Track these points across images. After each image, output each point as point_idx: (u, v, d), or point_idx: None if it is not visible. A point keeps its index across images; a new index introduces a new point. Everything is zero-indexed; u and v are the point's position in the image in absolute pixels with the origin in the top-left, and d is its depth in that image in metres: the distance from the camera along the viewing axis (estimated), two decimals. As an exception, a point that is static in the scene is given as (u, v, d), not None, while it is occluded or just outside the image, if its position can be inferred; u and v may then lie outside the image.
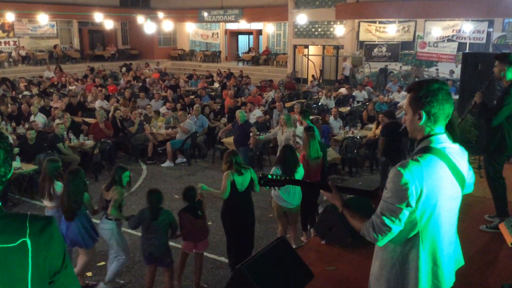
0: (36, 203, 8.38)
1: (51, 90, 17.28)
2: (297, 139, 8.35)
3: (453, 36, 20.15)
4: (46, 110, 12.41)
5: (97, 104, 13.74)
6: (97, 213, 5.55)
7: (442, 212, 2.24)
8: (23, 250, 1.59)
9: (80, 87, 17.95)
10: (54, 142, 9.32)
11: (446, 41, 20.37)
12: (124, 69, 24.84)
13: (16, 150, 8.85)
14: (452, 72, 19.48)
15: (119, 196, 5.14)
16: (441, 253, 2.28)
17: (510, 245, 3.23)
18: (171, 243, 5.45)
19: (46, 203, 5.58)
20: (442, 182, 2.20)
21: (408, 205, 2.13)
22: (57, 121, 10.74)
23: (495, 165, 5.19)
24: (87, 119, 12.17)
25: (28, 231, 1.60)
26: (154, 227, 4.97)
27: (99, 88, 16.51)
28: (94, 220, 5.60)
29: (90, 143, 10.06)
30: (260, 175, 2.64)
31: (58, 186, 5.47)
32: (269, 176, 2.64)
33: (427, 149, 2.23)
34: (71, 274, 1.78)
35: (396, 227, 2.17)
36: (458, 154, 2.29)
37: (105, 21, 24.28)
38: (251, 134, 9.44)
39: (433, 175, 2.17)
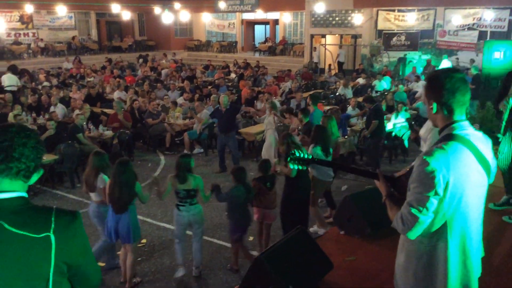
0: (57, 193, 8.51)
1: (70, 81, 17.46)
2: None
3: (473, 24, 19.77)
4: (65, 101, 12.55)
5: (116, 95, 13.84)
6: (145, 202, 5.52)
7: (470, 200, 2.21)
8: (46, 244, 1.60)
9: (98, 78, 18.10)
10: (74, 132, 9.42)
11: (466, 29, 20.00)
12: (141, 60, 24.96)
13: (51, 131, 9.04)
14: (472, 61, 19.11)
15: (202, 182, 5.39)
16: (470, 242, 2.25)
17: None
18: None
19: (93, 196, 5.48)
20: (469, 169, 2.17)
21: (435, 193, 2.09)
22: (77, 111, 10.85)
23: None
24: (105, 110, 12.27)
25: (52, 226, 1.61)
26: (248, 200, 5.48)
27: (117, 79, 16.64)
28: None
29: (109, 133, 10.15)
30: (288, 151, 2.65)
31: (105, 179, 5.35)
32: (297, 154, 2.66)
33: (451, 137, 2.21)
34: (93, 267, 1.80)
35: (424, 217, 2.12)
36: (482, 141, 2.27)
37: (122, 12, 24.40)
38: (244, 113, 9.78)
39: (459, 162, 2.14)
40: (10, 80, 15.52)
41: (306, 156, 2.64)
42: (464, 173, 2.15)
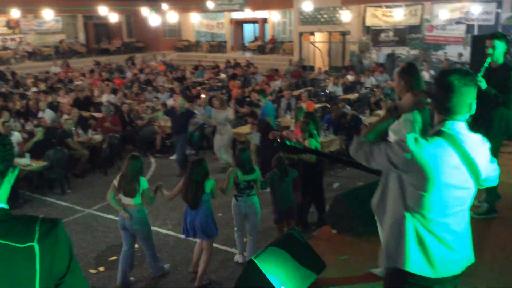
0: (47, 200, 8.42)
1: (58, 85, 17.31)
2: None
3: (461, 18, 19.85)
4: (53, 106, 12.44)
5: (104, 98, 13.75)
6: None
7: (442, 198, 2.24)
8: (30, 254, 1.56)
9: (87, 81, 17.96)
10: (63, 137, 9.34)
11: (454, 23, 20.07)
12: (130, 62, 24.84)
13: (39, 137, 8.90)
14: (460, 55, 19.22)
15: (260, 173, 5.70)
16: (434, 236, 2.31)
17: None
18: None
19: (128, 201, 5.35)
20: (445, 167, 2.19)
21: (392, 164, 2.24)
22: (65, 116, 10.76)
23: (497, 150, 5.14)
24: (94, 114, 12.18)
25: (36, 236, 1.58)
26: (286, 184, 5.80)
27: (106, 82, 16.53)
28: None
29: (98, 137, 10.07)
30: (279, 140, 2.77)
31: (144, 183, 5.37)
32: (287, 143, 2.77)
33: (439, 132, 2.24)
34: (79, 278, 1.75)
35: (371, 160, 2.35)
36: (477, 144, 2.27)
37: (109, 14, 24.24)
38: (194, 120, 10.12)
39: (436, 158, 2.17)
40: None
41: (297, 145, 2.76)
42: (437, 169, 2.18)
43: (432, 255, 2.30)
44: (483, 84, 4.61)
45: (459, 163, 2.20)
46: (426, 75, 15.63)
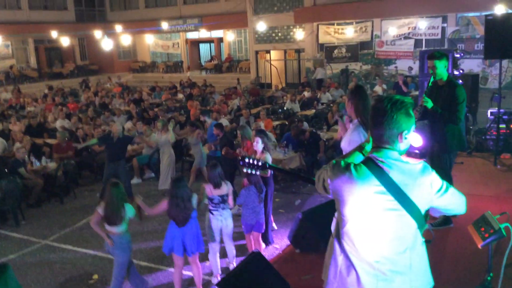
0: (0, 232, 8.05)
1: (9, 112, 16.73)
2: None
3: (409, 33, 20.68)
4: (5, 134, 11.99)
5: (58, 123, 13.37)
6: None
7: (365, 223, 2.25)
8: None
9: (39, 107, 17.43)
10: (15, 167, 8.98)
11: (402, 38, 20.86)
12: (84, 85, 24.37)
13: None
14: (410, 68, 19.95)
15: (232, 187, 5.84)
16: (363, 262, 2.28)
17: (480, 247, 3.28)
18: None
19: (113, 229, 5.19)
20: (362, 193, 2.21)
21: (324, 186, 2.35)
22: (17, 144, 10.38)
23: (452, 162, 5.33)
24: (48, 140, 11.81)
25: None
26: (261, 199, 5.85)
27: (60, 107, 16.09)
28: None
29: (53, 165, 9.75)
30: (241, 156, 2.83)
31: (130, 209, 5.24)
32: (246, 159, 2.94)
33: (365, 159, 2.30)
34: None
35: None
36: (412, 174, 2.22)
37: (61, 37, 23.75)
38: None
39: (353, 184, 2.21)
40: None
41: (259, 161, 2.86)
42: (354, 195, 2.22)
43: (362, 280, 2.27)
44: (429, 104, 4.79)
45: (382, 190, 2.18)
46: (379, 89, 16.09)
